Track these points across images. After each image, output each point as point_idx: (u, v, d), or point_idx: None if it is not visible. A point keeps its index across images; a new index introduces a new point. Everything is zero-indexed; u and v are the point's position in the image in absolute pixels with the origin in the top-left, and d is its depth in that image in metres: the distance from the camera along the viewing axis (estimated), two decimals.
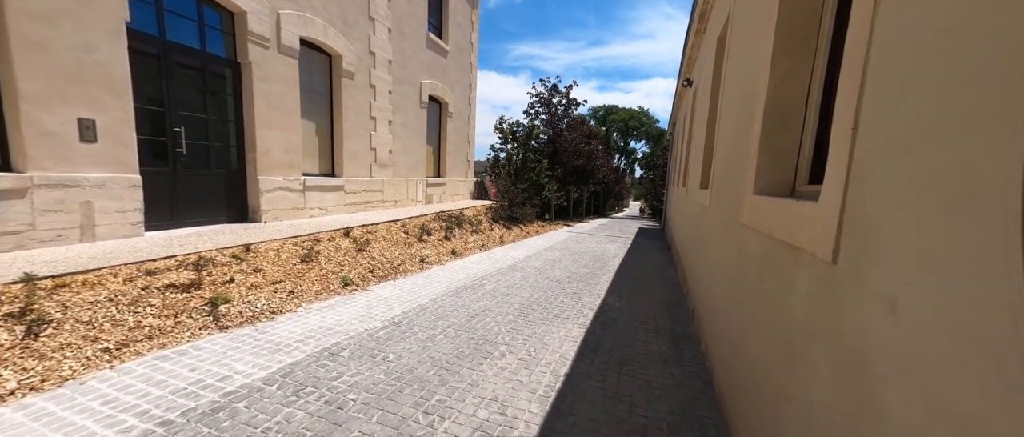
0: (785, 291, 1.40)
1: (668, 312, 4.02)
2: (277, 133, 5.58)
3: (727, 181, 2.74)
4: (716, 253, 2.83)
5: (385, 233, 5.81)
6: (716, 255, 2.81)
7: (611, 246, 8.62)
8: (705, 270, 3.24)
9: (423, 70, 9.47)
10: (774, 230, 1.56)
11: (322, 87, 6.71)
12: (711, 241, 3.05)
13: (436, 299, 3.93)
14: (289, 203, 5.86)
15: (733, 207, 2.43)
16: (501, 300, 4.06)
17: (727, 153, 2.85)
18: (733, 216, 2.39)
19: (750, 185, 1.99)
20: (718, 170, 3.17)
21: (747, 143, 2.19)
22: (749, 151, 2.09)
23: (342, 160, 7.04)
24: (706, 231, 3.38)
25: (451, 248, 6.40)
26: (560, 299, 4.27)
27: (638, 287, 4.99)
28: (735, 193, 2.41)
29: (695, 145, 5.37)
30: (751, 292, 1.86)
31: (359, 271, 4.32)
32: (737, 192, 2.34)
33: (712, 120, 4.09)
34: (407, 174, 9.15)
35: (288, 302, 3.25)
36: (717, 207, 3.03)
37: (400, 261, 5.09)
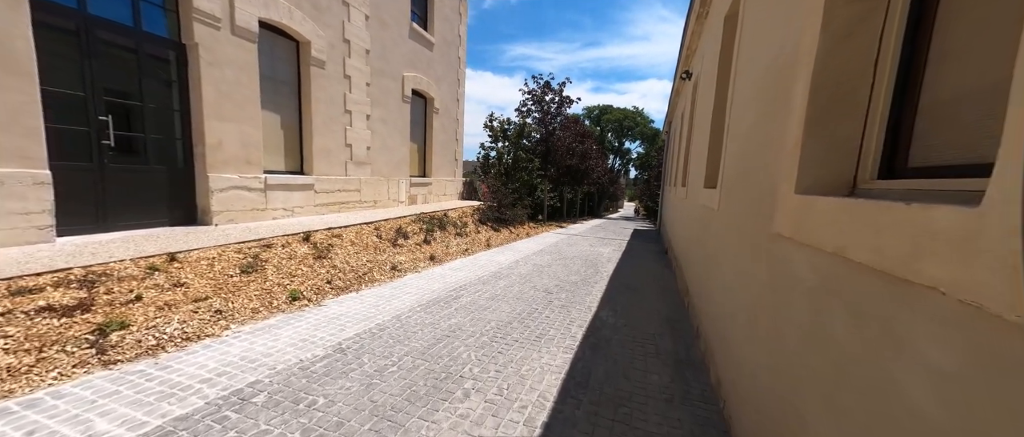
0: (883, 354, 0.87)
1: (669, 329, 3.50)
2: (231, 125, 4.98)
3: (745, 179, 2.21)
4: (733, 271, 2.30)
5: (354, 237, 5.23)
6: (734, 273, 2.28)
7: (605, 249, 8.11)
8: (716, 288, 2.71)
9: (406, 62, 8.89)
10: (847, 247, 1.03)
11: (288, 76, 6.12)
12: (726, 255, 2.52)
13: (400, 316, 3.37)
14: (247, 204, 5.26)
15: (758, 212, 1.90)
16: (477, 316, 3.51)
17: (745, 145, 2.32)
18: (759, 224, 1.85)
19: (788, 182, 1.46)
20: (731, 166, 2.64)
21: (779, 129, 1.66)
22: (784, 139, 1.57)
23: (312, 157, 6.45)
24: (717, 240, 2.86)
25: (430, 253, 5.84)
26: (545, 314, 3.73)
27: (634, 298, 4.47)
28: (760, 193, 1.88)
29: (697, 141, 4.87)
30: (801, 339, 1.32)
31: (314, 282, 3.75)
32: (764, 192, 1.81)
33: (720, 110, 3.57)
34: (388, 173, 8.56)
35: (211, 325, 2.67)
36: (731, 211, 2.51)
37: (367, 269, 4.51)
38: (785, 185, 1.50)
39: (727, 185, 2.70)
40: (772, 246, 1.63)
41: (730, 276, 2.36)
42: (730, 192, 2.60)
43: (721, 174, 2.92)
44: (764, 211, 1.79)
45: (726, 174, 2.77)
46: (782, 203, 1.52)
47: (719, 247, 2.76)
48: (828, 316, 1.12)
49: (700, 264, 3.55)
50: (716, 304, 2.66)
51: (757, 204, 1.93)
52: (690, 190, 5.13)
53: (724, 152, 2.89)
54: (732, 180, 2.57)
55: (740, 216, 2.27)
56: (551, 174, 15.54)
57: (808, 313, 1.25)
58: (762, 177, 1.88)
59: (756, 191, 1.97)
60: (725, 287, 2.44)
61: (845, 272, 1.06)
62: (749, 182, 2.13)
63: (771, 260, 1.64)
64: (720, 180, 2.92)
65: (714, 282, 2.81)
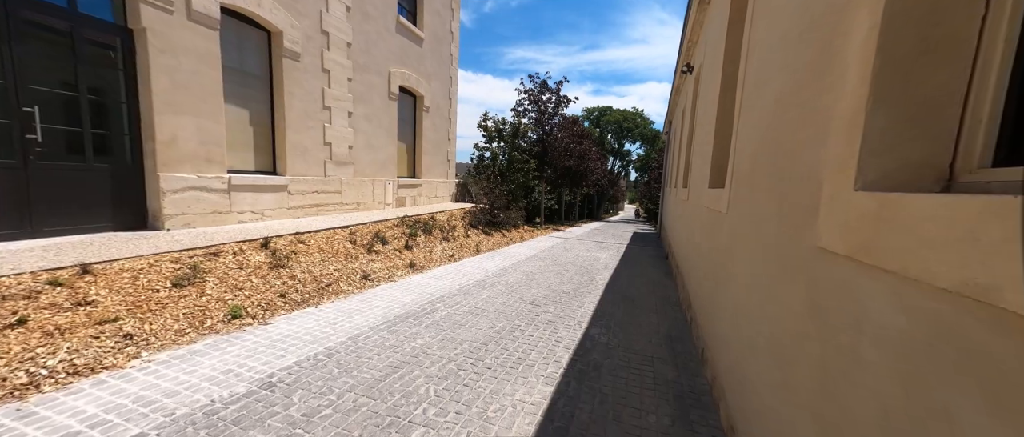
0: None
1: (669, 350, 3.02)
2: (188, 119, 4.53)
3: (766, 173, 1.75)
4: (751, 291, 1.83)
5: (324, 243, 4.77)
6: (751, 294, 1.81)
7: (602, 254, 7.64)
8: (726, 309, 2.24)
9: (392, 58, 8.45)
10: (993, 285, 0.56)
11: (259, 68, 5.67)
12: (739, 269, 2.05)
13: (358, 336, 2.90)
14: (207, 206, 4.80)
15: (787, 216, 1.43)
16: (448, 335, 3.04)
17: (765, 130, 1.86)
18: (789, 232, 1.39)
19: (841, 173, 1.00)
20: (744, 159, 2.18)
21: (820, 99, 1.20)
22: (831, 111, 1.10)
23: (286, 155, 5.99)
24: (726, 250, 2.38)
25: (410, 260, 5.37)
26: (528, 332, 3.26)
27: (631, 311, 3.99)
28: (790, 191, 1.41)
29: (700, 136, 4.41)
30: (882, 414, 0.85)
31: (264, 297, 3.28)
32: (797, 189, 1.34)
33: (727, 95, 3.11)
34: (373, 173, 8.11)
35: (114, 353, 2.20)
36: (746, 215, 2.04)
37: (333, 279, 4.05)
38: (835, 178, 1.03)
39: (739, 183, 2.23)
40: (815, 265, 1.16)
41: (746, 297, 1.89)
42: (743, 191, 2.13)
43: (731, 170, 2.45)
44: (797, 215, 1.32)
45: (737, 170, 2.30)
46: (831, 204, 1.05)
47: (729, 258, 2.29)
48: (951, 397, 0.65)
49: (705, 276, 3.08)
50: (727, 327, 2.19)
51: (785, 205, 1.46)
52: (693, 191, 4.66)
53: (734, 143, 2.42)
54: (746, 176, 2.11)
55: (759, 221, 1.80)
56: (548, 175, 15.08)
57: (897, 383, 0.78)
58: (792, 168, 1.42)
59: (783, 188, 1.50)
60: (739, 310, 1.97)
61: (987, 329, 0.58)
62: (772, 176, 1.66)
63: (813, 285, 1.17)
64: (729, 178, 2.45)
65: (724, 300, 2.34)
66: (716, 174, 3.24)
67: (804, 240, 1.25)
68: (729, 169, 2.50)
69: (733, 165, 2.39)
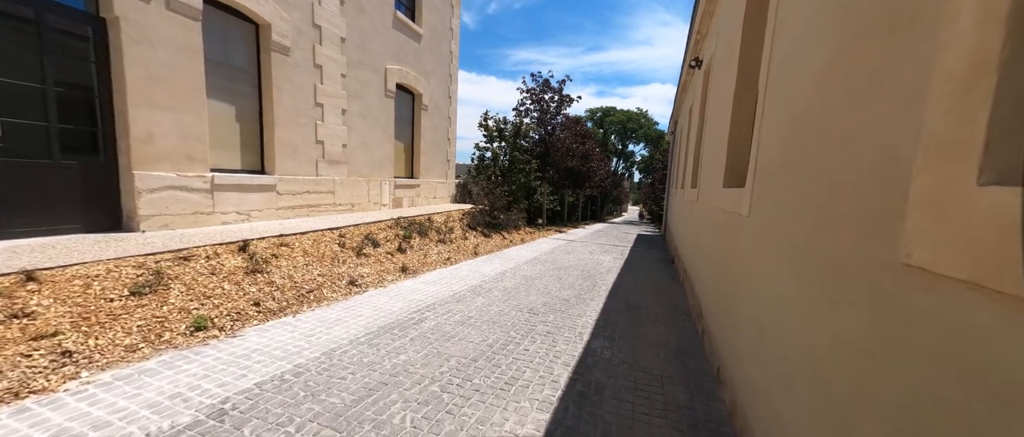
0: None
1: (680, 367, 2.72)
2: (167, 115, 4.28)
3: (808, 168, 1.44)
4: (783, 309, 1.52)
5: (310, 246, 4.50)
6: (783, 313, 1.50)
7: (605, 258, 7.32)
8: (749, 326, 1.93)
9: (389, 54, 8.20)
10: None
11: (246, 62, 5.42)
12: (766, 281, 1.73)
13: (334, 351, 2.61)
14: (187, 206, 4.54)
15: (843, 221, 1.12)
16: (435, 349, 2.75)
17: (804, 112, 1.55)
18: (849, 242, 1.08)
19: (955, 163, 0.69)
20: (772, 152, 1.87)
21: (899, 58, 0.90)
22: (935, 75, 0.80)
23: (274, 154, 5.74)
24: (749, 258, 2.07)
25: (402, 264, 5.09)
26: (524, 345, 2.96)
27: (636, 321, 3.69)
28: (850, 191, 1.11)
29: (712, 132, 4.10)
30: None
31: (235, 305, 3.00)
32: (861, 187, 1.04)
33: (747, 79, 2.81)
34: (368, 173, 7.85)
35: (46, 374, 1.93)
36: (775, 219, 1.73)
37: (316, 285, 3.77)
38: (938, 168, 0.73)
39: (764, 181, 1.93)
40: (894, 288, 0.85)
41: (772, 315, 1.58)
42: (770, 190, 1.82)
43: (753, 167, 2.14)
44: (856, 219, 1.02)
45: (762, 166, 1.99)
46: (931, 206, 0.75)
47: (753, 268, 1.98)
48: None
49: (719, 285, 2.76)
50: (748, 347, 1.88)
51: (835, 207, 1.16)
52: (703, 191, 4.35)
53: (757, 137, 2.12)
54: (773, 173, 1.80)
55: (793, 226, 1.49)
56: (550, 176, 14.79)
57: None
58: (847, 160, 1.12)
59: (832, 185, 1.20)
60: (765, 330, 1.67)
61: None
62: (813, 171, 1.36)
63: (888, 315, 0.86)
64: (751, 176, 2.14)
65: (744, 315, 2.04)
66: (732, 172, 2.94)
67: (869, 253, 0.95)
68: (750, 166, 2.19)
69: (756, 161, 2.08)
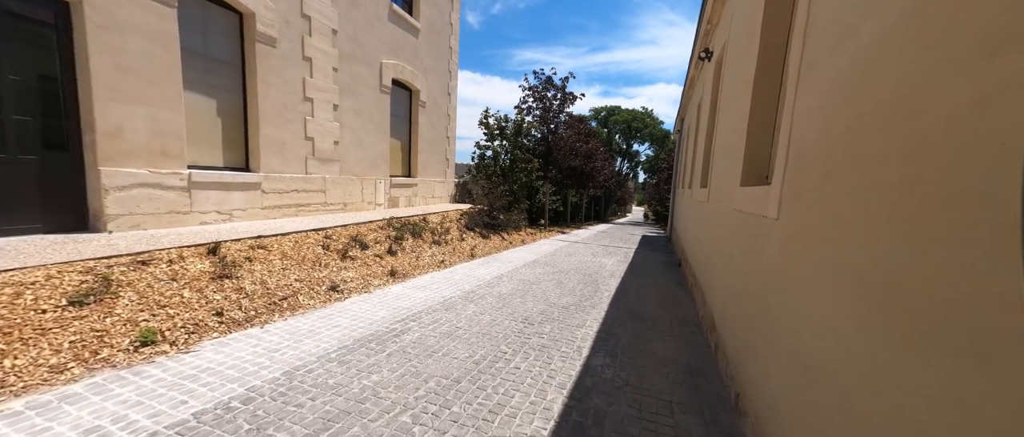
0: None
1: (691, 390, 2.38)
2: (138, 108, 4.00)
3: (874, 157, 1.10)
4: (837, 343, 1.18)
5: (291, 248, 4.20)
6: (837, 348, 1.16)
7: (608, 260, 6.98)
8: (779, 348, 1.59)
9: (385, 48, 7.90)
10: None
11: (228, 54, 5.14)
12: (814, 306, 1.38)
13: (295, 372, 2.30)
14: (161, 205, 4.26)
15: (949, 234, 0.79)
16: (413, 368, 2.44)
17: (865, 93, 1.21)
18: (979, 281, 0.74)
19: None
20: (814, 144, 1.53)
21: None
22: None
23: (259, 150, 5.45)
24: (786, 270, 1.72)
25: (391, 267, 4.78)
26: (515, 362, 2.64)
27: (641, 333, 3.35)
28: (964, 191, 0.77)
29: (727, 127, 3.76)
30: None
31: (194, 315, 2.70)
32: (982, 181, 0.70)
33: (768, 72, 2.47)
34: (362, 172, 7.56)
35: None
36: (816, 222, 1.39)
37: (291, 292, 3.47)
38: None
39: (801, 177, 1.59)
40: None
41: (815, 344, 1.24)
42: (810, 187, 1.48)
43: (782, 160, 1.80)
44: (969, 240, 0.69)
45: (797, 159, 1.65)
46: None
47: (786, 284, 1.64)
48: None
49: (740, 299, 2.42)
50: (782, 379, 1.55)
51: (934, 222, 0.82)
52: (715, 191, 4.01)
53: (787, 123, 1.78)
54: (815, 165, 1.46)
55: (856, 239, 1.15)
56: (553, 176, 14.45)
57: None
58: (947, 149, 0.78)
59: (925, 186, 0.86)
60: (815, 373, 1.33)
61: None
62: (885, 160, 1.02)
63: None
64: (781, 170, 1.80)
65: (772, 336, 1.70)
66: (751, 169, 2.60)
67: (988, 287, 0.62)
68: (777, 160, 1.86)
69: (786, 155, 1.74)
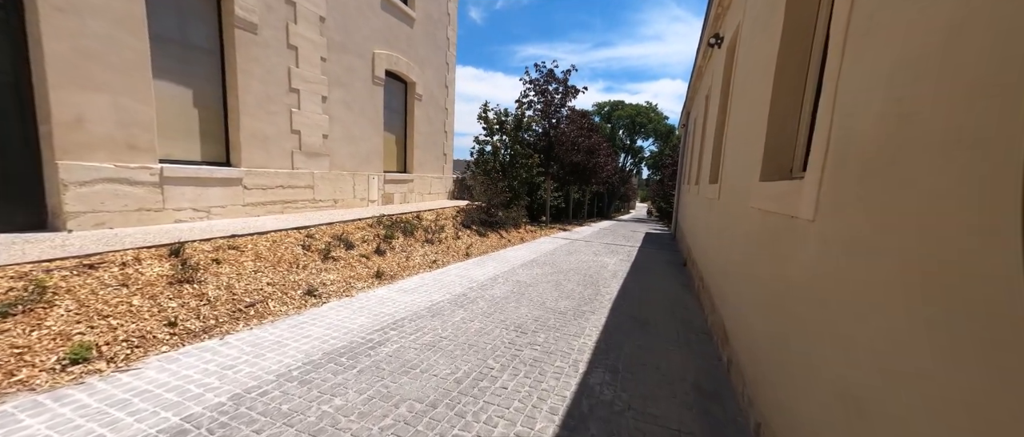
0: None
1: (702, 417, 2.06)
2: (101, 96, 3.70)
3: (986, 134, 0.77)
4: (916, 385, 0.84)
5: (267, 248, 3.90)
6: (911, 389, 0.82)
7: (610, 260, 6.66)
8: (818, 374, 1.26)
9: (377, 38, 7.57)
10: None
11: (206, 40, 4.83)
12: (871, 327, 1.05)
13: (246, 395, 2.00)
14: (130, 201, 3.97)
15: None
16: (384, 389, 2.13)
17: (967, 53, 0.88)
18: None
19: None
20: (872, 128, 1.20)
21: None
22: None
23: (240, 144, 5.15)
24: (815, 282, 1.38)
25: (377, 269, 4.48)
26: (502, 381, 2.33)
27: (645, 342, 3.03)
28: None
29: (742, 117, 3.42)
30: None
31: (142, 326, 2.41)
32: None
33: (794, 47, 2.12)
34: (354, 167, 7.25)
35: None
36: (875, 226, 1.06)
37: (261, 297, 3.17)
38: None
39: (849, 169, 1.26)
40: None
41: (873, 380, 0.91)
42: (868, 183, 1.15)
43: (821, 148, 1.47)
44: None
45: (843, 145, 1.32)
46: None
47: (823, 294, 1.32)
48: None
49: (761, 311, 2.09)
50: (826, 414, 1.22)
51: None
52: (727, 187, 3.66)
53: (828, 104, 1.44)
54: (877, 154, 1.13)
55: (935, 243, 0.82)
56: (554, 171, 14.10)
57: None
58: None
59: None
60: (868, 413, 1.00)
61: None
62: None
63: None
64: (819, 161, 1.47)
65: (807, 356, 1.37)
66: (773, 161, 2.26)
67: None
68: (816, 149, 1.52)
69: (829, 141, 1.41)
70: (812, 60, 2.09)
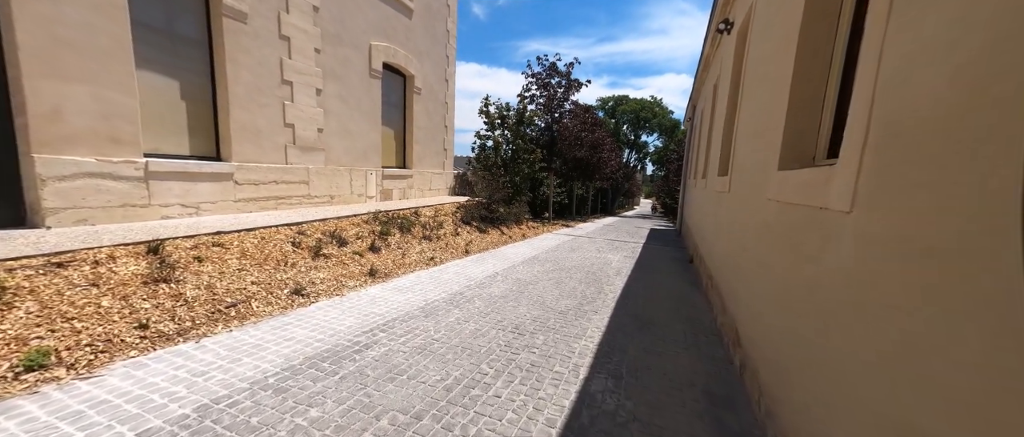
0: None
1: (715, 427, 1.87)
2: (80, 87, 3.55)
3: None
4: None
5: (254, 246, 3.74)
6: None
7: (614, 256, 6.45)
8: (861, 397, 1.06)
9: (374, 29, 7.37)
10: None
11: (192, 29, 4.65)
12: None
13: (213, 406, 1.83)
14: (113, 197, 3.82)
15: None
16: (365, 399, 1.96)
17: None
18: None
19: None
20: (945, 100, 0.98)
21: None
22: None
23: (230, 137, 4.99)
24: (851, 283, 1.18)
25: (371, 266, 4.31)
26: (496, 389, 2.15)
27: (650, 344, 2.84)
28: None
29: (756, 103, 3.20)
30: None
31: (110, 329, 2.25)
32: None
33: (819, 19, 1.91)
34: (351, 162, 7.08)
35: None
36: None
37: (244, 297, 3.00)
38: None
39: (903, 149, 1.05)
40: None
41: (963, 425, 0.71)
42: (927, 164, 0.95)
43: (858, 127, 1.26)
44: None
45: (894, 120, 1.11)
46: None
47: (879, 303, 1.11)
48: None
49: (783, 315, 1.89)
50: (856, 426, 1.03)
51: None
52: (738, 179, 3.45)
53: (870, 73, 1.22)
54: (949, 126, 0.92)
55: None
56: (557, 167, 13.88)
57: None
58: None
59: None
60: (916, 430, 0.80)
61: None
62: None
63: None
64: (858, 142, 1.26)
65: (858, 387, 1.17)
66: (795, 147, 2.04)
67: None
68: (853, 129, 1.31)
69: (870, 118, 1.20)
70: (839, 33, 1.87)
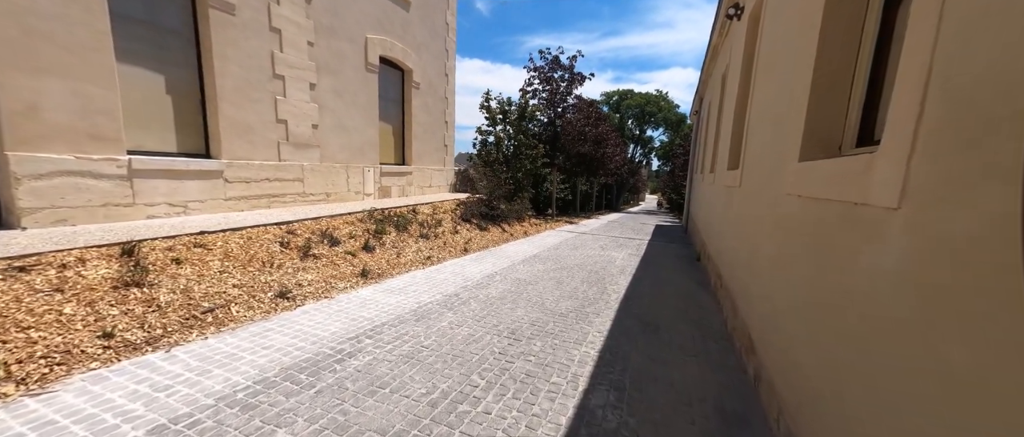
0: None
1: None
2: (56, 82, 3.39)
3: None
4: None
5: (239, 246, 3.58)
6: None
7: (618, 254, 6.24)
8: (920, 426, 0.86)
9: (370, 22, 7.17)
10: None
11: (177, 21, 4.49)
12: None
13: (166, 429, 1.66)
14: (94, 196, 3.68)
15: None
16: (343, 414, 1.77)
17: None
18: None
19: None
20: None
21: None
22: None
23: (219, 134, 4.83)
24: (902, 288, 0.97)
25: (363, 267, 4.14)
26: (486, 404, 1.96)
27: (655, 352, 2.63)
28: None
29: (770, 90, 2.97)
30: None
31: (70, 339, 2.09)
32: None
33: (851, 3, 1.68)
34: (347, 159, 6.91)
35: None
36: None
37: (223, 302, 2.84)
38: None
39: (972, 128, 0.83)
40: None
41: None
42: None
43: (907, 105, 1.04)
44: None
45: (957, 96, 0.89)
46: None
47: (947, 326, 0.90)
48: None
49: (807, 324, 1.67)
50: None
51: None
52: (751, 172, 3.22)
53: (926, 38, 1.00)
54: None
55: None
56: (560, 163, 13.63)
57: None
58: None
59: None
60: None
61: None
62: None
63: None
64: (910, 124, 1.04)
65: (889, 386, 0.96)
66: (818, 135, 1.82)
67: None
68: (899, 107, 1.09)
69: (925, 92, 0.98)
70: (871, 5, 1.64)
